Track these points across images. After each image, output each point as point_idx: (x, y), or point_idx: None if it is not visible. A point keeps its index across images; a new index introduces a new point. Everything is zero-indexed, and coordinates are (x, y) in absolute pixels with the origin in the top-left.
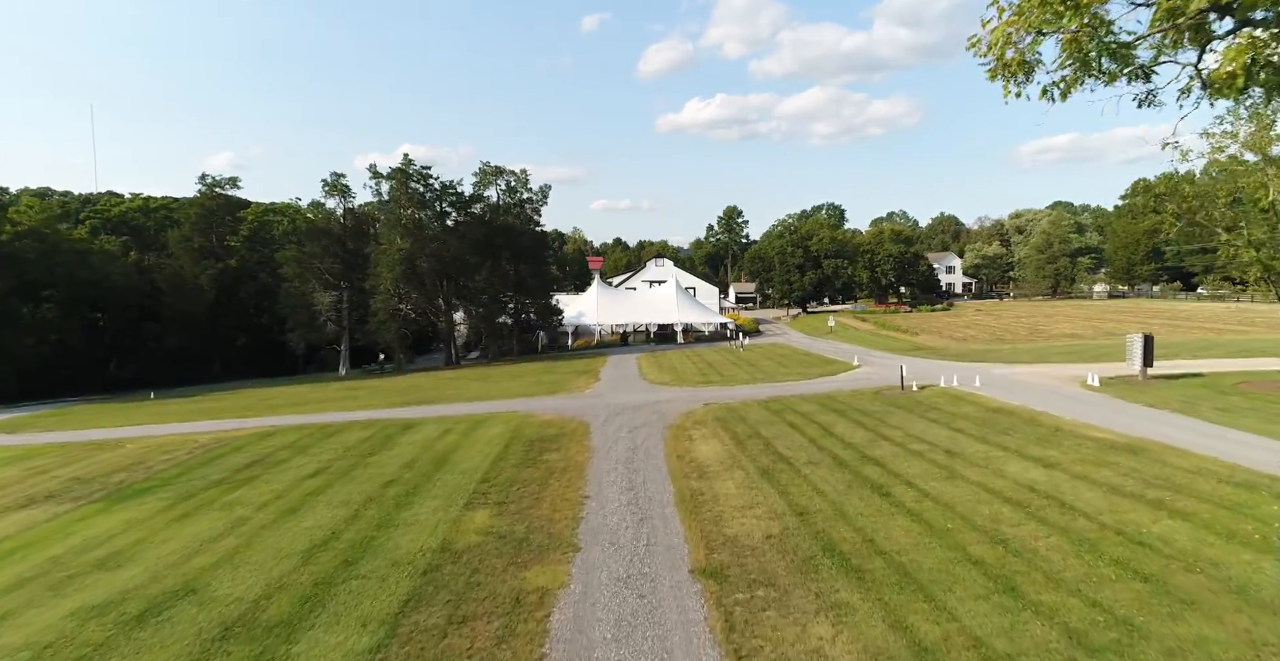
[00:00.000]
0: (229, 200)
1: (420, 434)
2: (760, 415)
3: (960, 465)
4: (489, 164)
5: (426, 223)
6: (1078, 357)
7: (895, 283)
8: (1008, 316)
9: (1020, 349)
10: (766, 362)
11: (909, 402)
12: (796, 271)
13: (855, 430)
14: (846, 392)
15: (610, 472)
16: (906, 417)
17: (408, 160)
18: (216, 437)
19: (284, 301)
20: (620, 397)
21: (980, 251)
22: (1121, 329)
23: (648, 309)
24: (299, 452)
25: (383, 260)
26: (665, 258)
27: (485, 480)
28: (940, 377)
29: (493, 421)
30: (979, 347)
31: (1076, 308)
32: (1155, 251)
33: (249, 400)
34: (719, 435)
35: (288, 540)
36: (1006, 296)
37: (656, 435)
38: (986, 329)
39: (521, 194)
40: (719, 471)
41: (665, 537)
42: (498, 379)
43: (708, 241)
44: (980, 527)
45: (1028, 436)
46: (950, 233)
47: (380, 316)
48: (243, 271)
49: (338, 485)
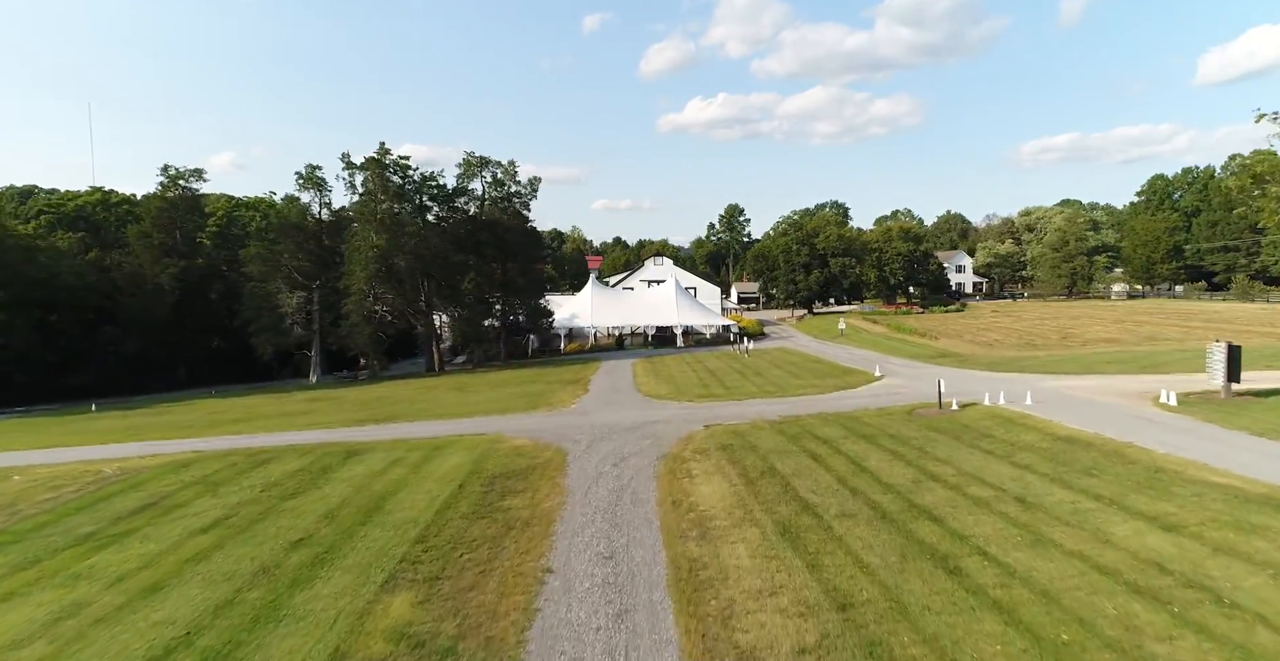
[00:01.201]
0: (195, 194)
1: (363, 465)
2: (773, 441)
3: (1044, 523)
4: (473, 154)
5: (405, 217)
6: (1131, 368)
7: (904, 282)
8: (1029, 318)
9: (1059, 357)
10: (775, 371)
11: (952, 426)
12: (802, 271)
13: (893, 464)
14: (873, 411)
15: (586, 527)
16: (954, 447)
17: (384, 149)
18: (125, 467)
19: (248, 303)
20: (609, 416)
21: (992, 250)
22: (1163, 333)
23: (645, 310)
24: (207, 492)
25: (356, 258)
26: (665, 256)
27: (422, 539)
28: (982, 393)
29: (454, 448)
30: (1010, 354)
31: (1099, 308)
32: (1176, 249)
33: (195, 414)
34: (724, 469)
35: (118, 647)
36: (1020, 296)
37: (648, 469)
38: (1011, 332)
39: (509, 187)
40: (726, 527)
41: (651, 650)
42: (477, 388)
43: (709, 240)
44: (1111, 641)
45: (1122, 480)
46: (957, 231)
47: (353, 319)
48: (210, 270)
49: (231, 545)
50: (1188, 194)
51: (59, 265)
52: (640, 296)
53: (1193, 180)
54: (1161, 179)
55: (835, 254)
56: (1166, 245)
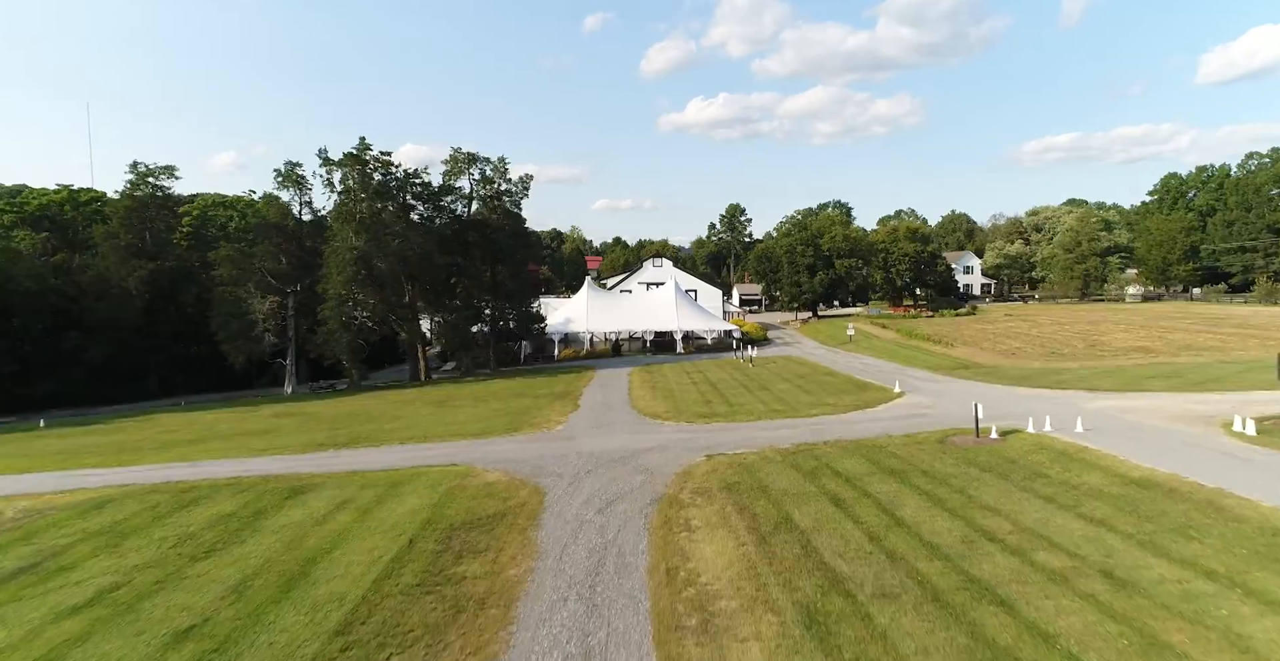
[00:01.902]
0: (166, 192)
1: (303, 509)
2: (787, 479)
3: (1150, 614)
4: (460, 150)
5: (386, 216)
6: (1181, 384)
7: (911, 284)
8: (1047, 323)
9: (1094, 370)
10: (782, 385)
11: (997, 461)
12: (806, 272)
13: (935, 515)
14: (899, 439)
15: (555, 611)
16: (1004, 491)
17: (364, 144)
18: (32, 506)
19: (218, 308)
20: (598, 441)
21: (1002, 250)
22: (1197, 341)
23: (644, 314)
24: (107, 547)
25: (333, 260)
26: (664, 258)
27: (344, 628)
28: (1022, 416)
29: (416, 484)
30: (1038, 366)
31: (1118, 312)
32: (1192, 250)
33: (146, 433)
34: (730, 520)
35: None
36: (1030, 298)
37: (638, 517)
38: (1032, 339)
39: (499, 185)
40: (734, 611)
41: None
42: (459, 402)
43: (710, 240)
44: None
45: (1232, 546)
46: (963, 231)
47: (330, 326)
48: (182, 273)
49: (100, 636)
50: (1203, 193)
51: (15, 266)
52: (639, 300)
53: (1207, 179)
54: (1175, 178)
55: (841, 255)
56: (1183, 246)
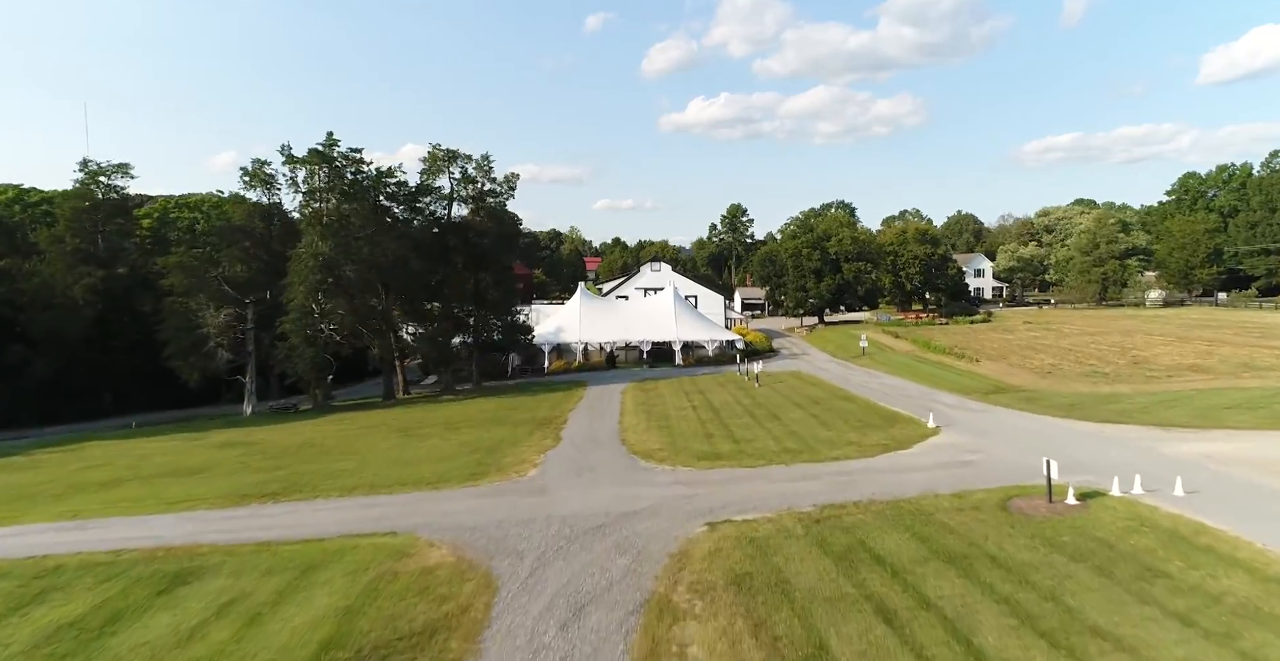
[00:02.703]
0: (122, 193)
1: (175, 612)
2: (814, 570)
3: None
4: (439, 147)
5: (356, 219)
6: (1270, 418)
7: (921, 288)
8: (1073, 333)
9: (1152, 396)
10: (794, 412)
11: (1088, 545)
12: (813, 277)
13: (1029, 647)
14: (948, 499)
15: None
16: (1115, 601)
17: (331, 140)
18: None
19: (168, 321)
20: (575, 498)
21: (1015, 253)
22: (1255, 358)
23: (641, 323)
24: None
25: (296, 268)
26: (663, 261)
27: None
28: (1095, 466)
29: (335, 568)
30: (1083, 389)
31: (1146, 320)
32: (1216, 252)
33: (60, 471)
34: (740, 644)
35: None
36: (1045, 303)
37: (615, 636)
38: (1063, 353)
39: (483, 184)
40: None
41: None
42: (427, 431)
43: (711, 241)
44: None
45: None
46: (971, 231)
47: (292, 341)
48: (137, 280)
49: None
50: (1224, 193)
51: None
52: (635, 307)
53: (1228, 178)
54: (1194, 177)
55: (849, 258)
56: (1206, 248)
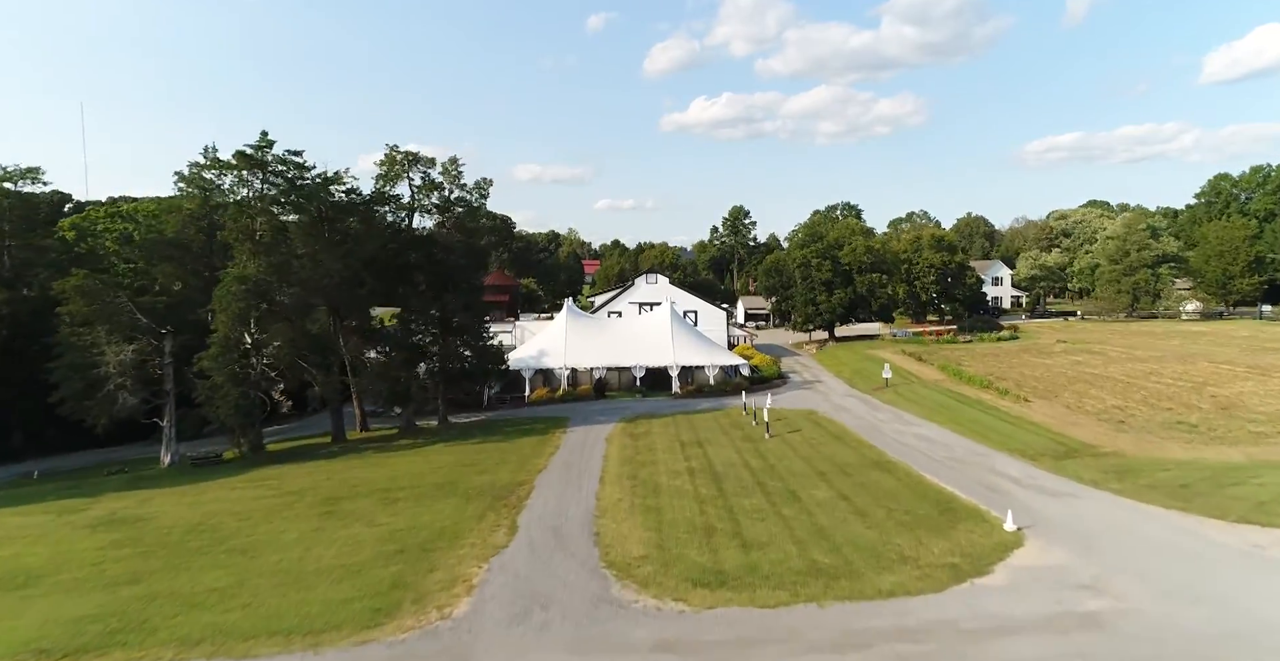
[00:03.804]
0: (33, 201)
1: None
2: None
3: None
4: (397, 148)
5: (296, 234)
6: None
7: (937, 298)
8: (1120, 357)
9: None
10: (819, 488)
11: None
12: (823, 289)
13: None
14: None
15: None
16: None
17: (265, 140)
18: None
19: (64, 357)
20: None
21: (1038, 260)
22: None
23: (634, 345)
24: None
25: (219, 293)
26: (659, 273)
27: None
28: None
29: None
30: (1181, 453)
31: (1188, 336)
32: (1257, 261)
33: None
34: None
35: None
36: (1070, 315)
37: None
38: (1124, 390)
39: (450, 192)
40: None
41: None
42: (354, 505)
43: (712, 244)
44: None
45: None
46: (982, 234)
47: (214, 379)
48: (49, 303)
49: None
50: (1260, 196)
51: None
52: (628, 327)
53: (1264, 180)
54: (1225, 179)
55: (863, 269)
56: (1246, 256)
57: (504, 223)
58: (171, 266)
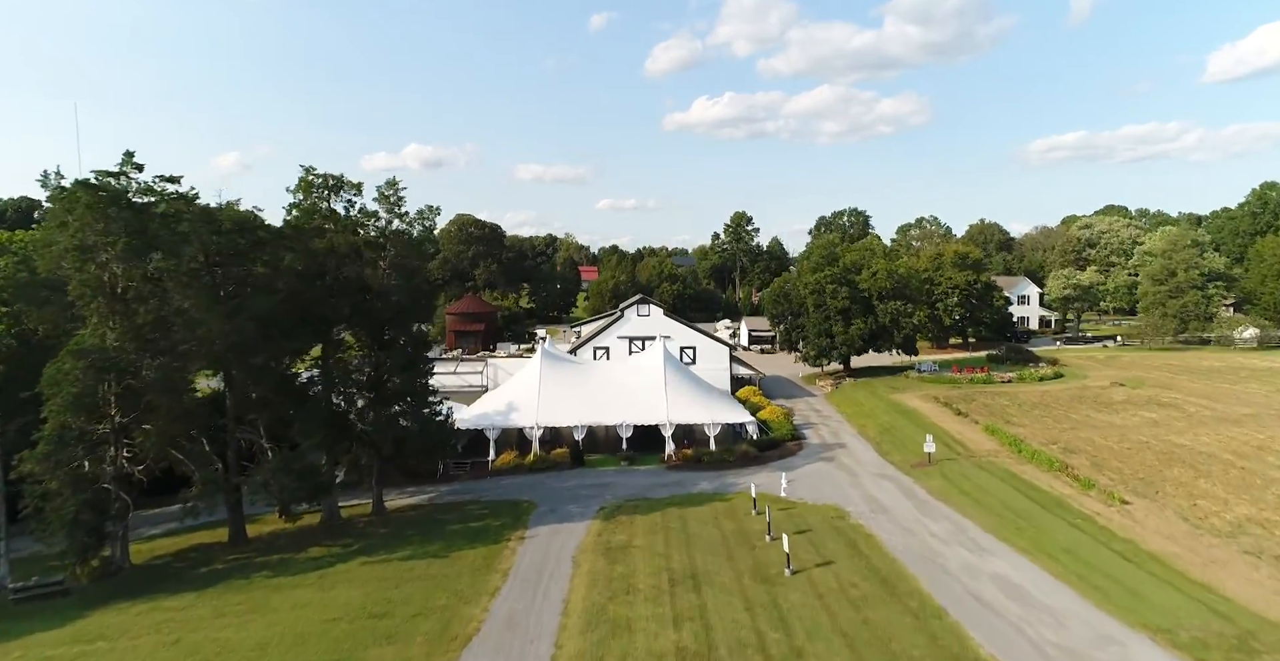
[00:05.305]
0: None
1: None
2: None
3: None
4: (313, 170)
5: (171, 287)
6: None
7: (960, 321)
8: (1201, 412)
9: None
10: None
11: None
12: (840, 318)
13: None
14: None
15: None
16: None
17: (128, 162)
18: None
19: None
20: None
21: (1071, 279)
22: None
23: (620, 396)
24: None
25: (49, 373)
26: (652, 303)
27: None
28: None
29: None
30: None
31: (1263, 374)
32: None
33: None
34: None
35: None
36: (1110, 340)
37: None
38: (1240, 480)
39: (387, 222)
40: None
41: None
42: None
43: (714, 251)
44: None
45: None
46: (997, 243)
47: (47, 484)
48: None
49: None
50: None
51: None
52: (614, 374)
53: None
54: (1273, 188)
55: (884, 296)
56: None
57: (493, 232)
58: (50, 312)
